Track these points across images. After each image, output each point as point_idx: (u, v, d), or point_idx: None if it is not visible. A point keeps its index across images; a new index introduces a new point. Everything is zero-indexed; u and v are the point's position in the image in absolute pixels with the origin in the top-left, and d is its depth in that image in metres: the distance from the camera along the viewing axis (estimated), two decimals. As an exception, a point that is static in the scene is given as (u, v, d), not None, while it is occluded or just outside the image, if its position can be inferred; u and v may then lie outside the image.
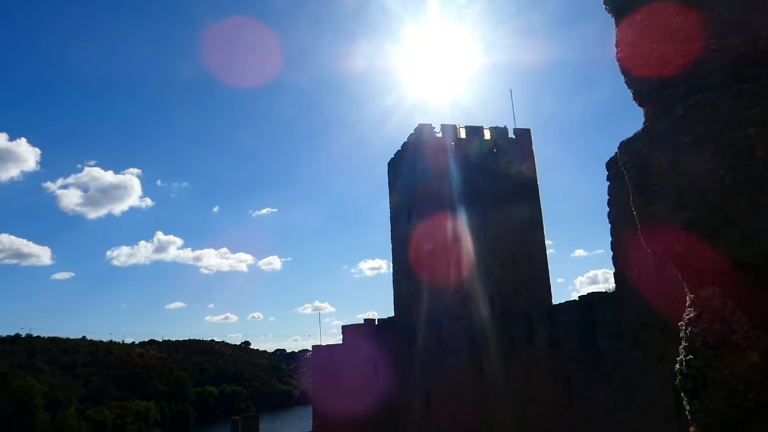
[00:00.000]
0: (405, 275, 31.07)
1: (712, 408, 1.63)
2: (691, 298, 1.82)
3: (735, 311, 1.66)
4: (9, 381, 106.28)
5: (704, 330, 1.71)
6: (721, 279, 1.72)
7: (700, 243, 1.76)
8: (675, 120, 1.92)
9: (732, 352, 1.64)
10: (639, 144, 2.05)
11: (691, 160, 1.84)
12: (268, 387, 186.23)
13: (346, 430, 23.60)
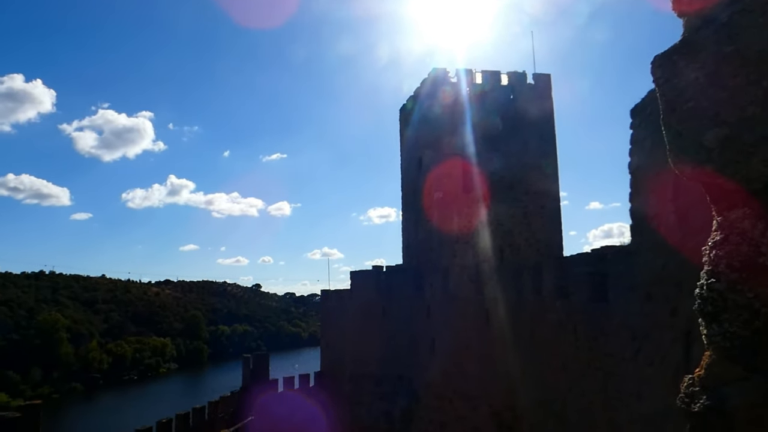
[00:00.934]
0: (414, 223, 31.13)
1: (731, 331, 1.57)
2: (718, 221, 1.72)
3: (766, 233, 1.56)
4: (35, 314, 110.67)
5: (730, 253, 1.62)
6: (753, 200, 1.61)
7: (734, 162, 1.64)
8: (718, 28, 1.75)
9: (758, 274, 1.55)
10: (675, 57, 1.88)
11: (732, 72, 1.68)
12: (278, 328, 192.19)
13: (353, 372, 24.39)
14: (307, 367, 67.26)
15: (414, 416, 21.57)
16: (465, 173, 27.56)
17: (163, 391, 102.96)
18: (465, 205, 27.32)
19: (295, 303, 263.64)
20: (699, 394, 1.64)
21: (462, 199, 27.32)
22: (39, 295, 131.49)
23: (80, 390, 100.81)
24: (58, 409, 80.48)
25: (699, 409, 1.62)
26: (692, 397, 1.67)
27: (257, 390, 39.91)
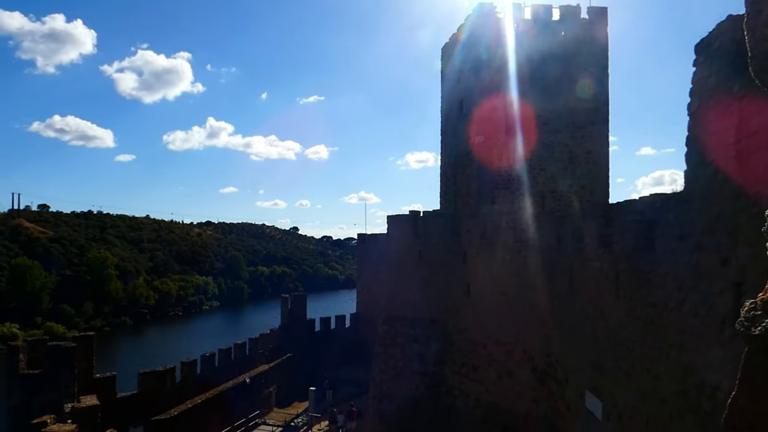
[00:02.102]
0: (453, 168, 30.64)
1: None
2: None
3: None
4: (86, 252, 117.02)
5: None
6: None
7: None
8: None
9: None
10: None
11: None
12: (315, 271, 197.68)
13: (388, 314, 24.90)
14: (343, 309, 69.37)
15: (447, 359, 22.06)
16: (508, 116, 26.66)
17: (206, 327, 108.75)
18: (507, 150, 26.61)
19: (332, 246, 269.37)
20: (761, 318, 1.64)
21: (504, 142, 26.59)
22: (88, 233, 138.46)
23: (129, 324, 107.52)
24: (109, 340, 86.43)
25: (760, 332, 1.60)
26: (753, 320, 1.67)
27: (295, 328, 41.59)
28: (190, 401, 28.89)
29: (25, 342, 26.40)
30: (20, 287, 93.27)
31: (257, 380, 34.58)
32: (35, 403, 24.23)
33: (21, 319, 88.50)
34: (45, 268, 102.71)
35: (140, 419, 26.49)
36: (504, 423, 18.94)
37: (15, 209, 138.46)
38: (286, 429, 31.30)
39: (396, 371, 23.65)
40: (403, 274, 24.58)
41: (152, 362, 59.88)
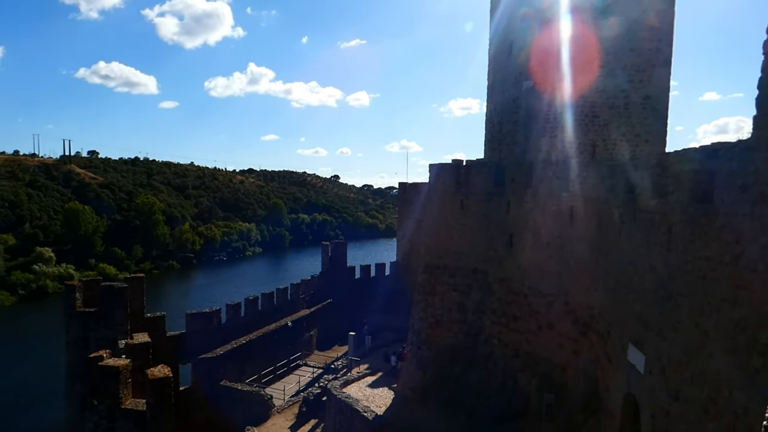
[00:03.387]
0: (499, 114, 29.80)
1: None
2: None
3: None
4: (134, 197, 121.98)
5: None
6: None
7: None
8: None
9: None
10: None
11: None
12: (356, 219, 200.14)
13: (428, 263, 25.09)
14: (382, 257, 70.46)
15: (487, 309, 22.23)
16: (560, 59, 25.44)
17: (249, 272, 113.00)
18: (557, 95, 25.57)
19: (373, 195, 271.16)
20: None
21: (554, 88, 25.52)
22: (136, 179, 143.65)
23: (176, 267, 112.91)
24: (157, 282, 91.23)
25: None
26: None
27: (335, 275, 42.68)
28: (235, 342, 30.47)
29: (81, 282, 28.12)
30: (74, 230, 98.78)
31: (298, 324, 36.02)
32: (91, 338, 26.10)
33: (76, 261, 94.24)
34: (96, 212, 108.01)
35: (188, 357, 28.20)
36: (542, 373, 19.14)
37: (66, 155, 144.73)
38: (326, 371, 32.72)
39: (435, 319, 24.08)
40: (445, 224, 24.55)
41: (199, 304, 63.16)
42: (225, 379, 28.19)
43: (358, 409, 21.34)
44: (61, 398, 27.34)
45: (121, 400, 20.10)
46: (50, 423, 39.39)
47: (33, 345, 57.68)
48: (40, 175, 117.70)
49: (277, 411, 26.74)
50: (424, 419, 21.73)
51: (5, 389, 46.35)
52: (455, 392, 22.16)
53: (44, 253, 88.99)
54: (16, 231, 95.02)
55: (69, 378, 26.55)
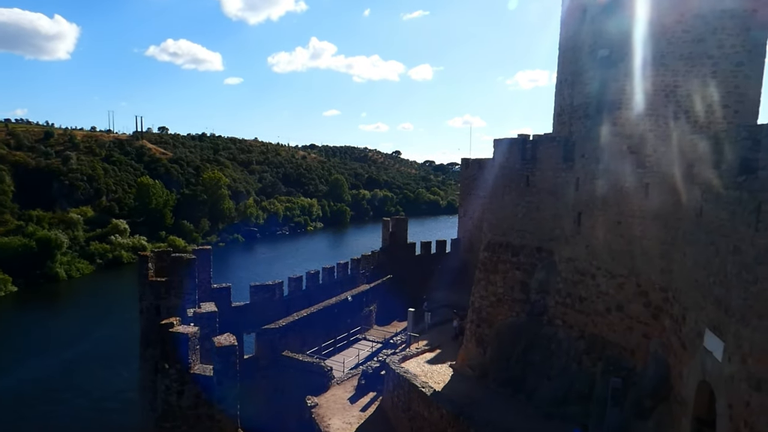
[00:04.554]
0: (570, 86, 28.58)
1: None
2: None
3: None
4: (201, 172, 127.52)
5: None
6: None
7: None
8: None
9: None
10: None
11: None
12: (417, 195, 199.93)
13: (490, 241, 24.78)
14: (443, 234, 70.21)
15: (551, 289, 21.76)
16: (639, 24, 23.96)
17: (310, 247, 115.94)
18: (635, 64, 24.18)
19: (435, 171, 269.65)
20: None
21: (632, 55, 24.13)
22: (203, 155, 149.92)
23: (241, 240, 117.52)
24: (223, 255, 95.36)
25: None
26: None
27: (396, 251, 43.03)
28: (296, 314, 31.55)
29: (153, 253, 29.85)
30: (146, 204, 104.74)
31: (358, 298, 36.75)
32: (163, 306, 27.80)
33: (148, 233, 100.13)
34: (166, 186, 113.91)
35: (251, 327, 29.51)
36: (609, 356, 18.61)
37: (139, 131, 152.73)
38: (385, 345, 33.30)
39: (496, 298, 23.87)
40: (509, 201, 24.11)
41: (262, 277, 65.67)
42: (287, 350, 29.33)
43: (417, 384, 21.65)
44: (135, 361, 29.40)
45: (190, 365, 21.35)
46: (126, 383, 42.65)
47: (110, 311, 62.22)
48: (115, 150, 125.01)
49: (337, 383, 27.59)
50: (483, 397, 21.77)
51: (85, 352, 50.47)
52: (516, 372, 22.00)
53: (119, 225, 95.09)
54: (94, 204, 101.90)
55: (143, 342, 28.48)
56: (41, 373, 45.49)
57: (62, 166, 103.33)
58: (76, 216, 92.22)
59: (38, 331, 57.65)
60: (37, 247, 76.63)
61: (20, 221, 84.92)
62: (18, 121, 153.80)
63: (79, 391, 42.12)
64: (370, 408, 25.23)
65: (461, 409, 19.07)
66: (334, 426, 23.20)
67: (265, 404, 28.36)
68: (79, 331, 55.34)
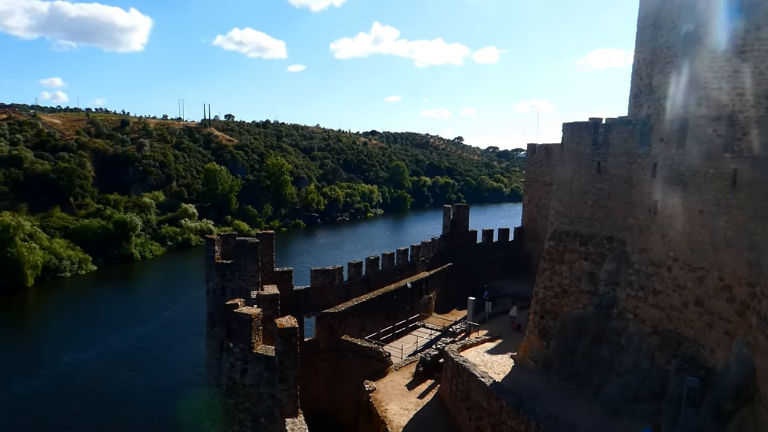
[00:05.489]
0: (649, 65, 26.92)
1: None
2: None
3: None
4: (265, 158, 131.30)
5: None
6: None
7: None
8: None
9: None
10: None
11: None
12: (479, 182, 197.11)
13: (556, 229, 23.93)
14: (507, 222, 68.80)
15: (621, 281, 20.73)
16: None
17: (370, 233, 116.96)
18: (724, 39, 22.39)
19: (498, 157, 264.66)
20: None
21: (721, 30, 22.34)
22: (267, 141, 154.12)
23: (302, 226, 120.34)
24: (285, 239, 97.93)
25: None
26: None
27: (456, 238, 42.55)
28: (356, 299, 31.89)
29: (219, 236, 30.96)
30: (213, 189, 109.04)
31: (418, 286, 36.67)
32: (228, 287, 28.86)
33: (214, 217, 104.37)
34: (231, 172, 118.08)
35: (312, 310, 30.09)
36: (685, 353, 17.53)
37: (206, 119, 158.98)
38: (444, 334, 33.11)
39: (562, 289, 23.07)
40: (578, 188, 23.15)
41: (322, 261, 66.97)
42: (346, 334, 29.73)
43: (476, 373, 21.34)
44: (202, 339, 30.74)
45: (253, 345, 22.03)
46: (193, 360, 44.84)
47: (179, 291, 65.51)
48: (185, 137, 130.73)
49: (395, 368, 27.71)
50: (545, 390, 21.18)
51: (157, 328, 53.45)
52: (581, 366, 21.22)
53: (188, 209, 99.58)
54: (165, 188, 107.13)
55: (209, 322, 29.75)
56: (118, 347, 48.70)
57: (137, 152, 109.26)
58: (149, 200, 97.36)
59: (115, 308, 61.62)
60: (114, 229, 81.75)
61: (99, 204, 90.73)
62: (97, 111, 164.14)
63: (151, 365, 44.78)
64: (428, 395, 25.19)
65: (522, 402, 18.62)
66: (392, 411, 23.32)
67: (324, 387, 28.97)
68: (151, 309, 58.68)
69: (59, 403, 38.05)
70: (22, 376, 42.27)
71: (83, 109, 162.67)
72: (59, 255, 72.09)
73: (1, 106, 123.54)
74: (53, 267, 70.43)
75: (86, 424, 35.37)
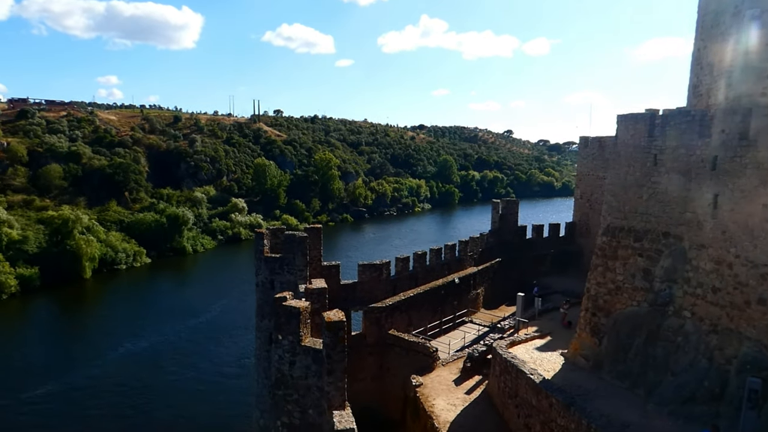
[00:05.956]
0: (710, 53, 25.93)
1: None
2: None
3: None
4: (313, 153, 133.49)
5: None
6: None
7: None
8: None
9: None
10: None
11: None
12: (529, 176, 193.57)
13: (610, 224, 23.48)
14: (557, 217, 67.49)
15: (678, 278, 20.18)
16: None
17: (417, 228, 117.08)
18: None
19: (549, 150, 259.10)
20: None
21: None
22: (315, 136, 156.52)
23: (350, 220, 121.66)
24: (333, 234, 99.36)
25: None
26: None
27: (505, 234, 42.20)
28: (403, 294, 32.21)
29: (268, 230, 31.90)
30: (262, 184, 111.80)
31: (465, 281, 36.65)
32: (276, 281, 29.76)
33: (263, 211, 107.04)
34: (280, 167, 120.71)
35: (359, 304, 30.62)
36: (746, 354, 16.96)
37: (256, 114, 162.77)
38: (492, 330, 33.01)
39: (615, 285, 22.66)
40: (633, 182, 22.66)
41: (369, 256, 67.62)
42: (393, 329, 30.13)
43: (525, 370, 21.30)
44: (252, 331, 31.84)
45: (302, 338, 22.72)
46: (242, 351, 46.44)
47: (229, 284, 67.69)
48: (235, 133, 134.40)
49: (442, 364, 27.92)
50: (597, 389, 20.93)
51: (207, 320, 55.50)
52: (635, 365, 20.83)
53: (238, 204, 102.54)
54: (216, 183, 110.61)
55: (258, 314, 30.78)
56: (170, 338, 50.91)
57: (189, 148, 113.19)
58: (200, 195, 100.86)
59: (168, 300, 64.38)
60: (167, 223, 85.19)
61: (153, 199, 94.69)
62: (151, 107, 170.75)
63: (201, 356, 46.60)
64: (475, 391, 25.29)
65: (573, 399, 18.50)
66: (439, 406, 23.58)
67: (370, 380, 29.49)
68: (202, 301, 60.94)
69: (112, 393, 39.97)
70: (79, 365, 44.75)
71: (137, 106, 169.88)
72: (115, 248, 75.83)
73: (61, 103, 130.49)
74: (110, 259, 74.16)
75: (138, 414, 37.16)
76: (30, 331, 54.03)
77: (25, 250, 67.41)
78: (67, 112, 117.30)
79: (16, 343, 49.87)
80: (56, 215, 72.58)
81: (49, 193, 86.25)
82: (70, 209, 77.11)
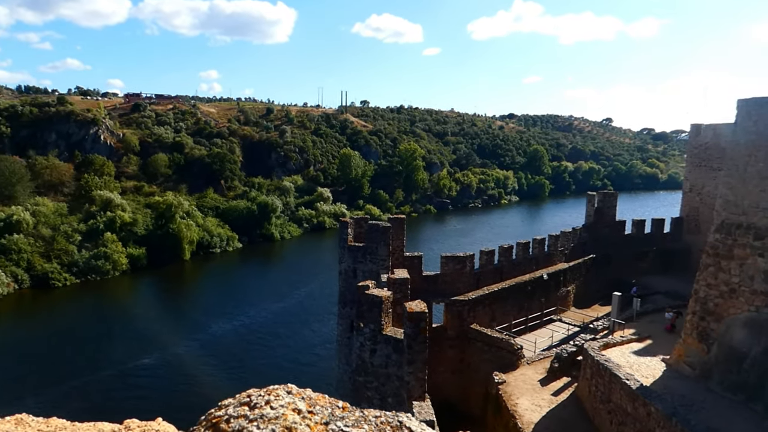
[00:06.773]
0: None
1: None
2: None
3: None
4: (398, 144, 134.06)
5: None
6: None
7: None
8: None
9: None
10: None
11: None
12: (630, 168, 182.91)
13: (724, 220, 21.35)
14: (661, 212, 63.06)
15: (809, 281, 17.95)
16: None
17: (503, 220, 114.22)
18: None
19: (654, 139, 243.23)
20: None
21: None
22: (400, 126, 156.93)
23: (433, 212, 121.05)
24: (415, 225, 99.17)
25: None
26: None
27: (601, 228, 39.91)
28: (487, 288, 31.34)
29: (352, 219, 32.23)
30: (346, 174, 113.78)
31: (555, 277, 35.05)
32: (359, 269, 30.01)
33: (347, 201, 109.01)
34: (365, 157, 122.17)
35: (441, 297, 30.15)
36: None
37: (343, 106, 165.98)
38: (584, 330, 31.33)
39: (728, 288, 20.57)
40: (754, 173, 20.45)
41: (453, 248, 66.85)
42: (475, 323, 29.39)
43: (619, 374, 19.90)
44: (333, 318, 32.34)
45: (383, 327, 22.70)
46: (325, 336, 47.53)
47: (313, 271, 69.60)
48: (322, 124, 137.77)
49: (527, 362, 26.86)
50: (703, 400, 19.14)
51: (292, 305, 57.38)
52: (751, 376, 18.81)
53: (323, 193, 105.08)
54: (303, 173, 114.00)
55: (341, 302, 31.23)
56: (259, 320, 53.31)
57: (279, 138, 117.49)
58: (288, 184, 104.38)
59: (257, 283, 67.43)
60: (257, 210, 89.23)
61: (245, 187, 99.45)
62: (246, 100, 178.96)
63: (285, 340, 48.29)
64: (563, 393, 24.07)
65: (675, 409, 16.99)
66: (522, 406, 22.67)
67: (451, 374, 28.99)
68: (288, 286, 63.24)
69: (207, 365, 42.90)
70: (179, 339, 48.25)
71: (234, 99, 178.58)
72: (211, 232, 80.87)
73: (168, 97, 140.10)
74: (206, 243, 79.22)
75: (228, 388, 39.14)
76: (137, 306, 58.83)
77: (134, 231, 73.92)
78: (173, 106, 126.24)
79: (127, 317, 54.34)
80: (162, 200, 79.01)
81: (156, 180, 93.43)
82: (173, 195, 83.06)
